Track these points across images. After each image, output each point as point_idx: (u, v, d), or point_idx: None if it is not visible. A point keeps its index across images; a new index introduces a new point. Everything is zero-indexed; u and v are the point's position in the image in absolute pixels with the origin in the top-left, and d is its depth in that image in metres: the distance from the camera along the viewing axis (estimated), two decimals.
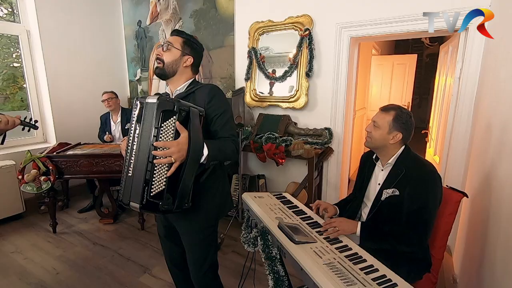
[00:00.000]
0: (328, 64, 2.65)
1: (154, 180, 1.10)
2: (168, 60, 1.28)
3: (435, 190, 1.27)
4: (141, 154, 1.14)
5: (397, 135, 1.33)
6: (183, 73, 1.33)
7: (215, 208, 1.37)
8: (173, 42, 1.30)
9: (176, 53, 1.29)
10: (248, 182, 3.07)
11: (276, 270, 1.18)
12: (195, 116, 1.14)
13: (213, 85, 1.32)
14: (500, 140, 1.37)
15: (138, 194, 1.12)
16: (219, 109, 1.26)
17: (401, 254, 1.27)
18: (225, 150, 1.24)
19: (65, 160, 2.62)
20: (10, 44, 3.32)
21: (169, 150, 1.08)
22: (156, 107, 1.10)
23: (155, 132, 1.10)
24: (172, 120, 1.10)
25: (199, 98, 1.27)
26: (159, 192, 1.11)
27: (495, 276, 1.22)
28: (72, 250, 2.48)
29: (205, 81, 3.42)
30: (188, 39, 1.33)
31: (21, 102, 3.44)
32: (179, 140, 1.09)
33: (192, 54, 1.33)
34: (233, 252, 2.41)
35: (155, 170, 1.10)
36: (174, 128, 1.09)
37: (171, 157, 1.07)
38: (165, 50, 1.29)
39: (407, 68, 5.19)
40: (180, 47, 1.30)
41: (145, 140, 1.13)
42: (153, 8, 3.66)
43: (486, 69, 1.92)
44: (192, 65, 1.34)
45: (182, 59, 1.31)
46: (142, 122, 1.15)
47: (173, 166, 1.09)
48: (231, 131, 1.28)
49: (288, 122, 2.79)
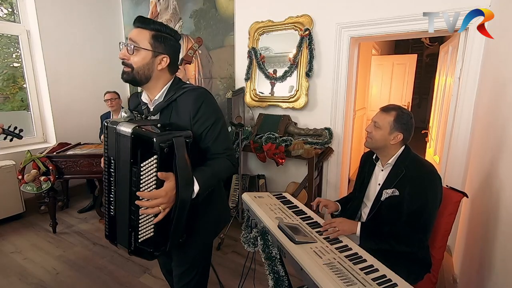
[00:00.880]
0: (328, 64, 2.65)
1: (140, 226, 0.96)
2: (137, 65, 1.02)
3: (435, 190, 1.27)
4: (121, 195, 0.99)
5: (398, 136, 1.33)
6: (159, 78, 1.07)
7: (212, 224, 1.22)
8: (139, 41, 1.00)
9: (146, 55, 1.01)
10: (248, 182, 3.07)
11: (276, 270, 1.18)
12: (181, 148, 0.94)
13: (199, 91, 1.07)
14: (500, 140, 1.37)
15: (125, 238, 1.00)
16: (208, 121, 1.04)
17: (401, 254, 1.27)
18: (218, 174, 1.07)
19: (65, 160, 2.62)
20: (10, 44, 3.32)
21: (156, 200, 0.91)
22: (131, 142, 0.92)
23: (135, 175, 0.93)
24: (153, 161, 0.90)
25: (182, 110, 1.04)
26: (148, 238, 0.97)
27: (495, 276, 1.22)
28: (72, 250, 2.48)
29: (205, 81, 3.42)
30: (159, 31, 1.02)
31: (21, 102, 3.44)
32: (166, 188, 0.92)
33: (167, 51, 1.04)
34: (233, 252, 2.41)
35: (140, 216, 0.95)
36: (155, 170, 0.91)
37: (158, 207, 0.92)
38: (131, 52, 1.01)
39: (407, 68, 5.19)
40: (150, 46, 1.01)
41: (123, 180, 0.97)
42: (153, 8, 3.66)
43: (486, 69, 1.92)
44: (169, 66, 1.06)
45: (155, 61, 1.03)
46: (116, 154, 0.98)
47: (161, 214, 0.94)
48: (225, 144, 1.09)
49: (288, 122, 2.79)
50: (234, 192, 3.07)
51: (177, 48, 1.09)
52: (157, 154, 0.89)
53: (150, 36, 1.01)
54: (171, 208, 0.96)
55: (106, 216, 1.07)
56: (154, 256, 1.00)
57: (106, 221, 1.07)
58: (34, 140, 3.42)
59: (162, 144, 0.88)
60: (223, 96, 3.26)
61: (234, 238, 2.58)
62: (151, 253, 0.99)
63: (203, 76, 3.43)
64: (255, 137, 2.74)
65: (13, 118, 3.43)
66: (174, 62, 1.09)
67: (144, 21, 1.02)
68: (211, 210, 1.19)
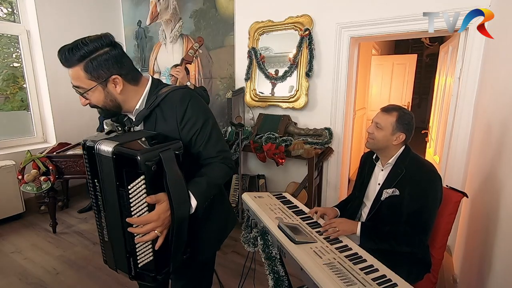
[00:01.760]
0: (328, 64, 2.65)
1: (138, 252, 0.89)
2: (100, 103, 0.92)
3: (435, 189, 1.27)
4: (112, 220, 0.91)
5: (400, 136, 1.33)
6: (127, 96, 0.94)
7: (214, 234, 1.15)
8: (79, 83, 0.87)
9: (96, 91, 0.89)
10: (248, 182, 3.07)
11: (276, 270, 1.18)
12: (170, 162, 0.84)
13: (183, 91, 0.97)
14: (500, 140, 1.37)
15: (123, 264, 0.93)
16: (197, 123, 0.95)
17: (401, 254, 1.27)
18: (216, 181, 0.98)
19: (65, 160, 2.62)
20: (10, 44, 3.32)
21: (149, 225, 0.83)
22: (114, 163, 0.82)
23: (122, 198, 0.84)
24: (140, 181, 0.81)
25: (167, 113, 0.95)
26: (148, 262, 0.91)
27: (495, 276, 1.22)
28: (72, 250, 2.48)
29: (205, 81, 3.42)
30: (84, 58, 0.85)
31: (21, 102, 3.44)
32: (159, 211, 0.83)
33: (110, 70, 0.87)
34: (233, 252, 2.41)
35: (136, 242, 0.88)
36: (145, 192, 0.82)
37: (154, 231, 0.84)
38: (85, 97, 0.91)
39: (407, 68, 5.19)
40: (91, 80, 0.87)
41: (112, 204, 0.88)
42: (153, 8, 3.66)
43: (486, 69, 1.92)
44: (123, 77, 0.90)
45: (108, 89, 0.89)
46: (100, 176, 0.88)
47: (160, 238, 0.86)
48: (217, 147, 0.99)
49: (288, 122, 2.79)
50: (234, 192, 3.07)
51: (117, 56, 0.89)
52: (144, 174, 0.80)
53: (82, 71, 0.85)
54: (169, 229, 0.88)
55: (101, 241, 0.99)
56: (156, 280, 0.92)
57: (102, 246, 0.99)
58: (34, 140, 3.42)
59: (148, 162, 0.79)
60: (223, 96, 3.26)
61: (234, 238, 2.58)
62: (154, 278, 0.92)
63: (203, 76, 3.43)
64: (255, 137, 2.74)
65: (13, 118, 3.43)
66: (128, 72, 0.92)
67: (66, 59, 0.85)
68: (212, 217, 1.10)
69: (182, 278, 1.15)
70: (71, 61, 0.85)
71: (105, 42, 0.88)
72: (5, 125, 3.28)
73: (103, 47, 0.87)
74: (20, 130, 3.38)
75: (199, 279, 1.17)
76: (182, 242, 0.93)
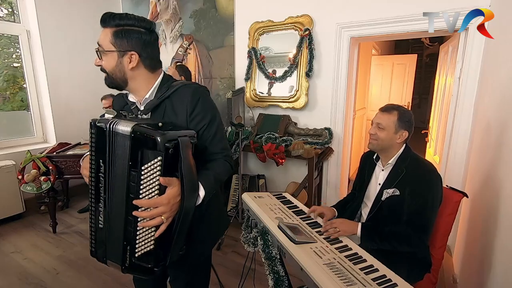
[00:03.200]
0: (328, 64, 2.65)
1: (138, 239, 0.85)
2: (108, 69, 0.94)
3: (436, 189, 1.27)
4: (114, 204, 0.87)
5: (403, 134, 1.34)
6: (136, 78, 0.95)
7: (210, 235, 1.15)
8: (102, 43, 0.92)
9: (111, 57, 0.92)
10: (248, 182, 3.07)
11: (276, 270, 1.18)
12: (187, 149, 0.83)
13: (194, 86, 0.99)
14: (500, 140, 1.37)
15: (117, 254, 0.88)
16: (205, 119, 0.97)
17: (401, 254, 1.27)
18: (220, 177, 1.00)
19: (65, 160, 2.62)
20: (10, 44, 3.32)
21: (157, 209, 0.81)
22: (131, 142, 0.81)
23: (133, 180, 0.81)
24: (157, 163, 0.79)
25: (178, 107, 0.96)
26: (147, 252, 0.86)
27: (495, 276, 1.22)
28: (72, 250, 2.48)
29: (205, 81, 3.42)
30: (119, 26, 0.90)
31: (21, 102, 3.44)
32: (169, 196, 0.82)
33: (133, 47, 0.91)
34: (233, 252, 2.41)
35: (138, 227, 0.84)
36: (159, 174, 0.80)
37: (160, 217, 0.82)
38: (100, 57, 0.94)
39: (407, 68, 5.19)
40: (112, 46, 0.90)
41: (118, 186, 0.85)
42: (153, 8, 3.66)
43: (486, 69, 1.92)
44: (142, 62, 0.94)
45: (123, 61, 0.92)
46: (109, 156, 0.85)
47: (163, 224, 0.84)
48: (222, 144, 1.02)
49: (288, 122, 2.79)
50: (234, 192, 3.07)
51: (147, 41, 0.93)
52: (161, 156, 0.78)
53: (111, 34, 0.90)
54: (173, 217, 0.86)
55: (92, 229, 0.93)
56: (153, 273, 0.88)
57: (93, 235, 0.93)
58: (34, 140, 3.42)
59: (168, 144, 0.78)
60: (223, 96, 3.26)
61: (234, 238, 2.58)
62: (150, 269, 0.87)
63: (203, 76, 3.43)
64: (255, 137, 2.74)
65: (13, 118, 3.43)
66: (148, 56, 0.95)
67: (105, 19, 0.91)
68: (208, 216, 1.08)
69: (178, 279, 1.14)
70: (108, 22, 0.91)
71: (143, 24, 0.93)
72: (5, 125, 3.28)
73: (140, 27, 0.93)
74: (20, 130, 3.38)
75: (195, 280, 1.15)
76: (183, 235, 0.91)
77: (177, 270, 1.13)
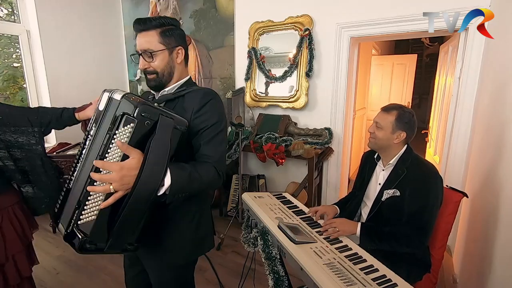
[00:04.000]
0: (328, 64, 2.65)
1: (87, 205, 0.83)
2: (160, 68, 1.00)
3: (437, 191, 1.27)
4: (87, 165, 0.87)
5: (401, 134, 1.33)
6: (179, 68, 1.05)
7: (186, 245, 1.08)
8: (151, 45, 0.98)
9: (163, 55, 0.99)
10: (248, 182, 3.07)
11: (276, 270, 1.18)
12: (165, 130, 0.83)
13: (209, 89, 1.04)
14: (500, 140, 1.37)
15: (67, 216, 0.86)
16: (209, 120, 0.97)
17: (401, 255, 1.27)
18: (198, 179, 0.90)
19: (65, 160, 2.61)
20: (10, 45, 3.32)
21: (107, 175, 0.78)
22: (117, 107, 0.85)
23: (106, 142, 0.82)
24: (128, 129, 0.80)
25: (188, 103, 0.99)
26: (88, 222, 0.83)
27: (495, 276, 1.22)
28: (72, 250, 2.46)
29: (205, 81, 3.42)
30: (163, 25, 0.98)
31: (21, 102, 3.44)
32: (123, 164, 0.79)
33: (179, 42, 1.02)
34: (233, 252, 2.41)
35: (90, 193, 0.83)
36: (126, 141, 0.80)
37: (109, 184, 0.79)
38: (150, 60, 0.99)
39: (407, 68, 5.19)
40: (163, 44, 0.98)
41: (95, 149, 0.86)
42: (153, 8, 3.66)
43: (486, 69, 1.92)
44: (184, 52, 1.05)
45: (172, 56, 1.01)
46: (100, 121, 0.90)
47: (112, 196, 0.80)
48: (218, 150, 0.98)
49: (288, 122, 2.79)
50: (234, 192, 3.07)
51: (184, 35, 1.06)
52: (134, 123, 0.79)
53: (158, 35, 0.98)
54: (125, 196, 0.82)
55: (62, 193, 0.94)
56: (83, 248, 0.83)
57: (60, 197, 0.94)
58: None
59: (144, 114, 0.79)
60: (223, 96, 3.26)
61: (234, 238, 2.58)
62: (82, 243, 0.82)
63: (203, 76, 3.43)
64: (255, 137, 2.74)
65: None
66: (187, 50, 1.07)
67: (145, 22, 0.97)
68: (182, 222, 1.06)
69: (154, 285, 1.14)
70: (149, 25, 0.97)
71: (175, 22, 1.03)
72: None
73: (177, 25, 1.03)
74: None
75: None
76: (131, 222, 0.86)
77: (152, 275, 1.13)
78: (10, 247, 1.35)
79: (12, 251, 1.37)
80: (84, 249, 0.84)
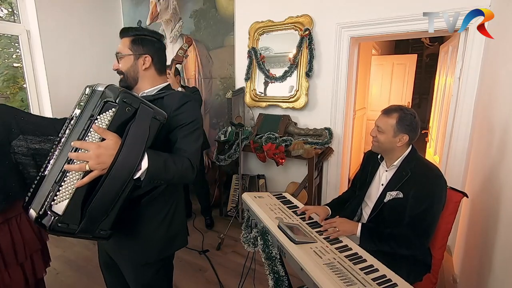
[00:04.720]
0: (328, 64, 2.65)
1: (62, 186, 0.84)
2: (125, 70, 1.10)
3: (440, 194, 1.26)
4: (66, 150, 0.88)
5: (404, 137, 1.31)
6: (145, 78, 1.11)
7: (158, 242, 1.11)
8: (121, 49, 1.10)
9: (128, 59, 1.09)
10: (248, 182, 3.07)
11: (276, 270, 1.18)
12: (144, 117, 0.88)
13: (187, 93, 1.16)
14: (500, 140, 1.37)
15: (41, 200, 0.85)
16: (187, 118, 1.04)
17: (402, 255, 1.27)
18: (173, 167, 0.94)
19: None
20: (10, 45, 3.32)
21: (84, 153, 0.82)
22: (101, 96, 0.89)
23: (87, 127, 0.86)
24: (108, 114, 0.86)
25: (167, 103, 1.05)
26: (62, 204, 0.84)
27: (495, 276, 1.22)
28: (72, 250, 2.48)
29: (205, 81, 3.42)
30: (137, 36, 1.10)
31: (21, 102, 3.44)
32: (101, 143, 0.83)
33: (147, 51, 1.10)
34: (233, 252, 2.41)
35: (67, 174, 0.84)
36: (106, 125, 0.86)
37: (85, 163, 0.82)
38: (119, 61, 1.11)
39: (407, 68, 5.19)
40: (130, 50, 1.09)
41: (76, 130, 0.90)
42: (153, 8, 3.66)
43: (486, 69, 1.92)
44: (153, 64, 1.11)
45: (138, 62, 1.09)
46: (82, 110, 0.92)
47: (87, 176, 0.83)
48: (193, 146, 1.04)
49: (288, 122, 2.79)
50: (234, 192, 3.07)
51: (159, 48, 1.13)
52: (115, 108, 0.85)
53: (129, 42, 1.09)
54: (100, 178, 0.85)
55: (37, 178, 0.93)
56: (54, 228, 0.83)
57: (34, 183, 0.92)
58: None
59: (125, 100, 0.86)
60: (223, 96, 3.26)
61: (234, 238, 2.58)
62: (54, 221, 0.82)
63: (203, 76, 3.43)
64: (255, 137, 2.74)
65: None
66: (158, 61, 1.13)
67: (124, 30, 1.11)
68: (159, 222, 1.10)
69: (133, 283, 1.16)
70: (125, 33, 1.11)
71: (155, 35, 1.14)
72: None
73: (153, 37, 1.13)
74: None
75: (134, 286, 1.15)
76: (107, 204, 0.87)
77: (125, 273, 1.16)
78: (29, 246, 1.41)
79: (31, 250, 1.43)
80: (55, 229, 0.83)
